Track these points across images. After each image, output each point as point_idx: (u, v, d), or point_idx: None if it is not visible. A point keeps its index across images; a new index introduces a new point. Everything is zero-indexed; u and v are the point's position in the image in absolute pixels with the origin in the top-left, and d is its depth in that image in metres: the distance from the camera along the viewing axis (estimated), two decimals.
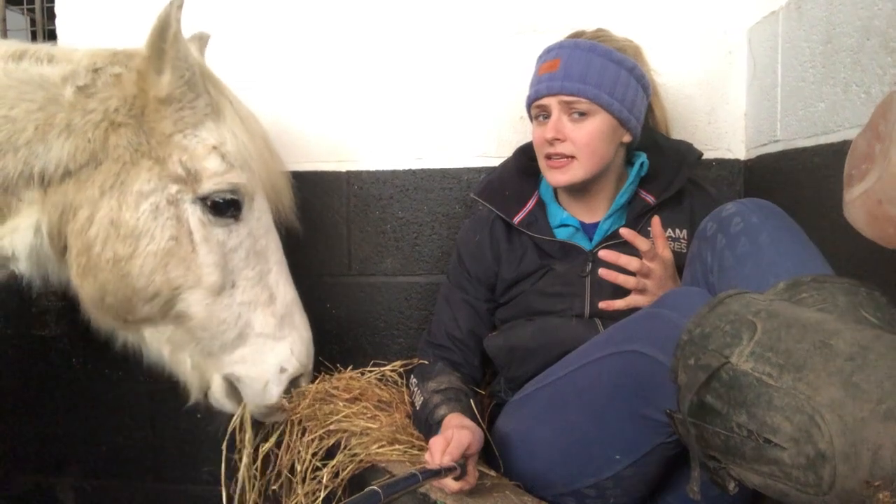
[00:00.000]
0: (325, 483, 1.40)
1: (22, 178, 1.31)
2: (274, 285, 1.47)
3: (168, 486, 2.06)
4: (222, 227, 1.39)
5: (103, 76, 1.34)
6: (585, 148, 1.44)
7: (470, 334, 1.59)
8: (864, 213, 0.93)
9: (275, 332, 1.45)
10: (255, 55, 1.95)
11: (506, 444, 1.38)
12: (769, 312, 0.81)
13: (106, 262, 1.33)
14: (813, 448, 0.69)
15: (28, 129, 1.29)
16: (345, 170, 1.95)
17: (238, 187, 1.39)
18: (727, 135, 1.83)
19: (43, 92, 1.30)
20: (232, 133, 1.40)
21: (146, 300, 1.36)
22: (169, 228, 1.34)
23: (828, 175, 1.38)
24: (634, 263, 1.34)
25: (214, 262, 1.37)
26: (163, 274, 1.34)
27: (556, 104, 1.45)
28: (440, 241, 1.92)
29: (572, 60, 1.44)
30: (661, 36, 1.81)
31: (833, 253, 1.14)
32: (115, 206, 1.32)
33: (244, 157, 1.41)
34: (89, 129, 1.30)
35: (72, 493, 2.07)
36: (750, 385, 0.76)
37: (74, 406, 2.05)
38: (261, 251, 1.46)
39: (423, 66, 1.91)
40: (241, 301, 1.42)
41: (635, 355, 1.09)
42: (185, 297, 1.37)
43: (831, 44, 1.35)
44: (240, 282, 1.42)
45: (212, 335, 1.41)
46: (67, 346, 2.04)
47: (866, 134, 0.96)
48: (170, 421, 2.04)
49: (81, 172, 1.32)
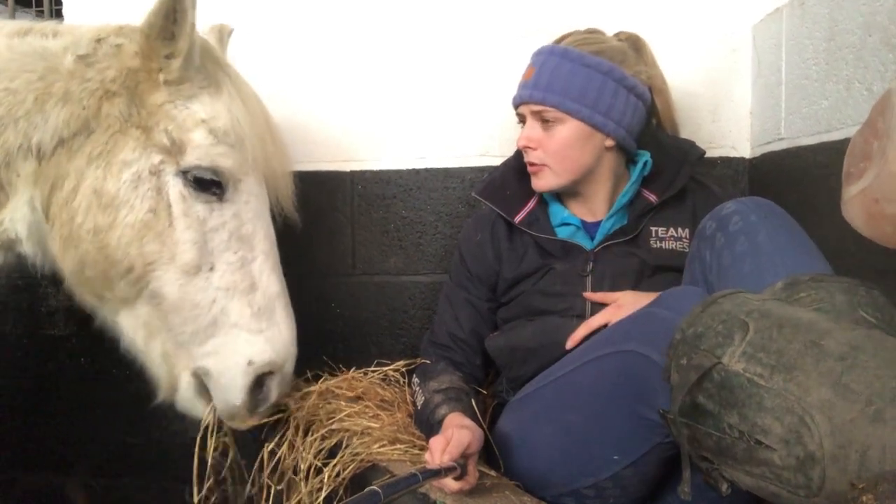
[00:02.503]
0: (327, 483, 1.41)
1: (21, 151, 1.29)
2: (257, 274, 1.37)
3: (176, 485, 2.07)
4: (204, 203, 1.33)
5: (105, 46, 1.32)
6: (555, 155, 1.46)
7: (472, 334, 1.59)
8: (861, 211, 0.93)
9: (250, 323, 1.35)
10: (259, 55, 1.96)
11: (506, 443, 1.38)
12: (761, 312, 0.81)
13: (86, 232, 1.29)
14: (803, 449, 0.69)
15: (28, 100, 1.27)
16: (349, 170, 1.95)
17: (221, 165, 1.33)
18: (732, 133, 1.82)
19: (43, 62, 1.28)
20: (227, 109, 1.35)
21: (121, 275, 1.30)
22: (148, 200, 1.29)
23: (832, 173, 1.36)
24: (596, 322, 1.38)
25: (191, 239, 1.31)
26: (138, 247, 1.29)
27: (528, 112, 1.48)
28: (444, 241, 1.92)
29: (544, 68, 1.46)
30: (665, 34, 1.80)
31: (838, 251, 1.13)
32: (100, 176, 1.28)
33: (238, 134, 1.35)
34: (85, 96, 1.28)
35: (81, 492, 2.09)
36: (741, 386, 0.76)
37: (83, 405, 2.06)
38: (246, 236, 1.38)
39: (427, 67, 1.91)
40: (219, 286, 1.33)
41: (632, 355, 1.09)
42: (159, 274, 1.30)
43: (834, 41, 1.34)
44: (219, 265, 1.34)
45: (184, 320, 1.32)
46: (76, 346, 2.05)
47: (864, 132, 0.95)
48: (178, 420, 2.05)
49: (73, 141, 1.29)
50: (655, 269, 1.46)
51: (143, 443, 2.06)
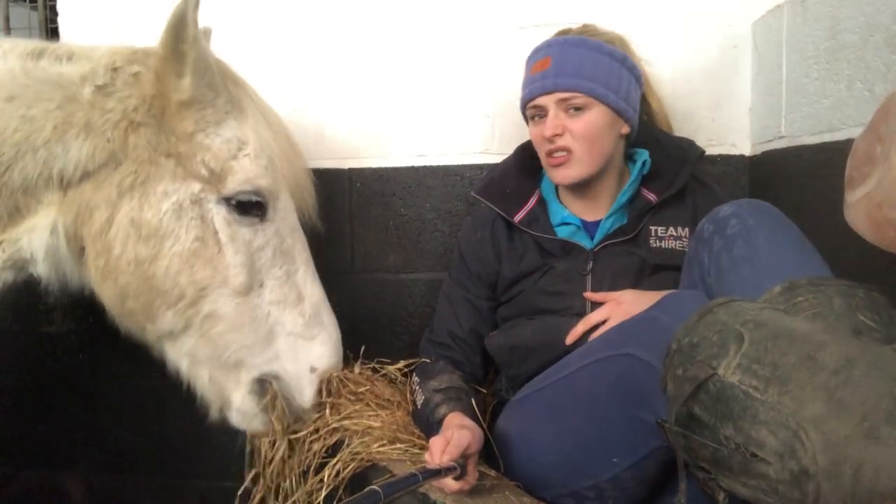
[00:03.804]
0: (327, 482, 1.41)
1: (41, 180, 1.29)
2: (302, 284, 1.45)
3: (175, 482, 2.08)
4: (248, 226, 1.37)
5: (122, 75, 1.31)
6: (584, 140, 1.44)
7: (471, 333, 1.59)
8: (864, 216, 0.92)
9: (304, 331, 1.43)
10: (256, 53, 1.94)
11: (506, 443, 1.38)
12: (756, 323, 0.80)
13: (127, 263, 1.30)
14: (797, 464, 0.69)
15: (46, 129, 1.27)
16: (347, 167, 1.95)
17: (262, 187, 1.36)
18: (732, 130, 1.81)
19: (61, 91, 1.28)
20: (255, 131, 1.38)
21: (170, 304, 1.33)
22: (194, 229, 1.31)
23: (833, 174, 1.35)
24: (595, 318, 1.38)
25: (241, 263, 1.35)
26: (189, 275, 1.31)
27: (553, 102, 1.45)
28: (443, 238, 1.92)
29: (563, 57, 1.44)
30: (664, 28, 1.79)
31: (838, 251, 1.13)
32: (136, 207, 1.29)
33: (268, 155, 1.39)
34: (108, 128, 1.28)
35: (80, 488, 2.09)
36: (736, 398, 0.76)
37: (82, 402, 2.06)
38: (287, 250, 1.44)
39: (425, 63, 1.90)
40: (270, 300, 1.39)
41: (630, 359, 1.09)
42: (213, 297, 1.34)
43: (835, 40, 1.33)
44: (268, 281, 1.40)
45: (243, 336, 1.37)
46: (75, 343, 2.05)
47: (868, 136, 0.94)
48: (176, 417, 2.05)
49: (100, 173, 1.29)
50: (655, 268, 1.46)
51: (142, 439, 2.07)
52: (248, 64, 1.94)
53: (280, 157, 1.42)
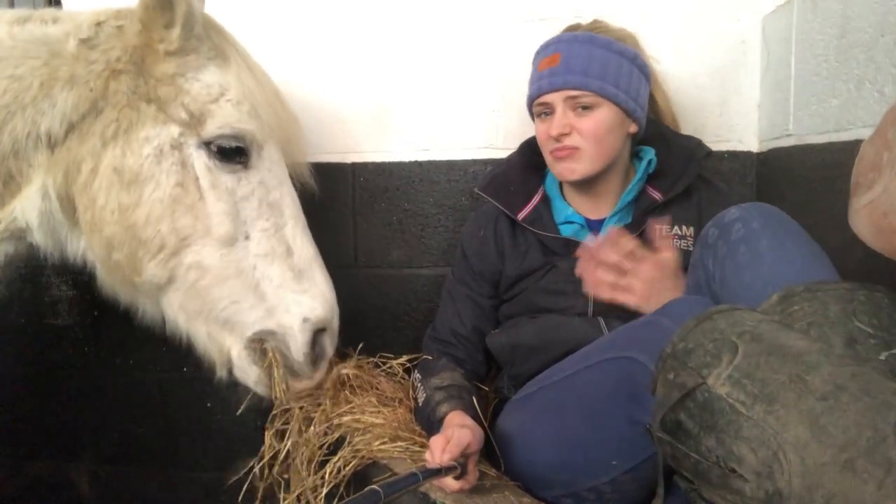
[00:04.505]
0: (328, 479, 1.42)
1: (30, 140, 1.29)
2: (291, 238, 1.41)
3: (179, 473, 2.10)
4: (230, 173, 1.33)
5: (106, 28, 1.32)
6: (592, 139, 1.42)
7: (474, 330, 1.59)
8: (869, 223, 0.91)
9: (294, 284, 1.39)
10: (258, 44, 1.93)
11: (506, 442, 1.38)
12: (753, 335, 0.79)
13: (111, 212, 1.29)
14: (772, 485, 0.68)
15: (34, 86, 1.27)
16: (350, 161, 1.94)
17: (244, 131, 1.33)
18: (739, 127, 1.79)
19: (46, 48, 1.28)
20: (238, 79, 1.36)
21: (152, 254, 1.31)
22: (174, 174, 1.29)
23: (840, 174, 1.34)
24: (612, 258, 1.32)
25: (224, 211, 1.32)
26: (170, 223, 1.29)
27: (560, 100, 1.43)
28: (446, 234, 1.91)
29: (572, 54, 1.42)
30: (672, 24, 1.76)
31: (845, 251, 1.11)
32: (119, 154, 1.28)
33: (251, 102, 1.36)
34: (91, 78, 1.28)
35: (86, 479, 2.11)
36: (722, 411, 0.75)
37: (87, 394, 2.08)
38: (274, 203, 1.40)
39: (429, 57, 1.88)
40: (257, 253, 1.36)
41: (631, 362, 1.08)
42: (197, 248, 1.31)
43: (846, 38, 1.31)
44: (254, 233, 1.36)
45: (230, 290, 1.34)
46: (80, 336, 2.06)
47: (875, 141, 0.92)
48: (180, 409, 2.07)
49: (83, 123, 1.29)
50: None
51: (147, 431, 2.08)
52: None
53: (265, 107, 1.39)
